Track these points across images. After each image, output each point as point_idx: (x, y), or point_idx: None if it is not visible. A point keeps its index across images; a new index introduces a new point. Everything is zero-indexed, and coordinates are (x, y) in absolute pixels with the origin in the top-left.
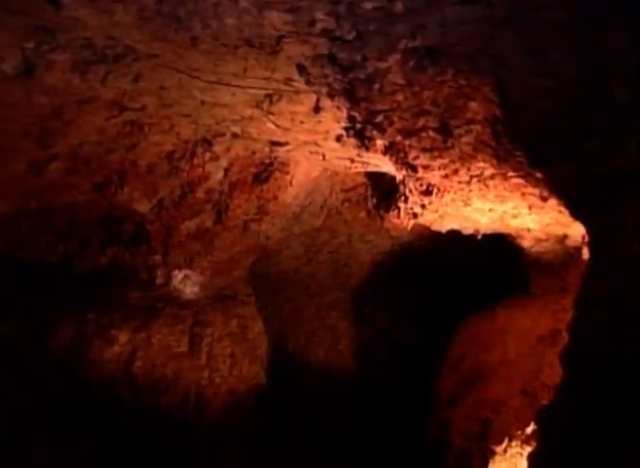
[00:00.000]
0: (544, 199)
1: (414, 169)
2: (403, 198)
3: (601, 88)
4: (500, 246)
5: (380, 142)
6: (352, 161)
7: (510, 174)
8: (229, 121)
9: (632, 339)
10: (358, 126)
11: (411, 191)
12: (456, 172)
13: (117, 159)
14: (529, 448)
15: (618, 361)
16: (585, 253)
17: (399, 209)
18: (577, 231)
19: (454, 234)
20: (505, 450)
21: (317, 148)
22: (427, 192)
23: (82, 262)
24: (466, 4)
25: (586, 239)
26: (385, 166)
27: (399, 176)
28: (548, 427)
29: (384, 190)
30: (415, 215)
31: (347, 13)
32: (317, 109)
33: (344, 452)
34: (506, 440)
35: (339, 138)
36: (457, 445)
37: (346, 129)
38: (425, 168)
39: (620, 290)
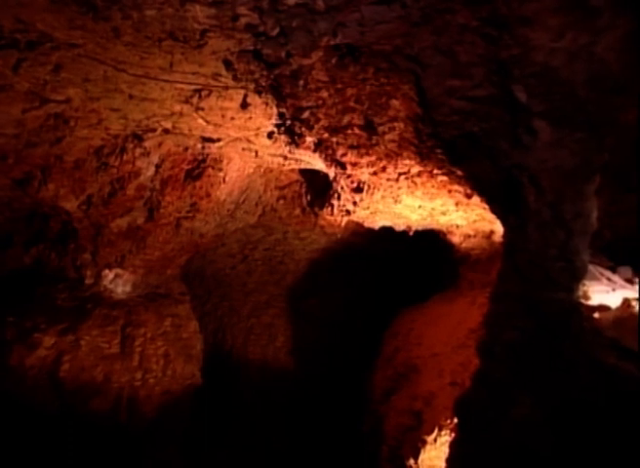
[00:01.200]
0: (469, 196)
1: (342, 166)
2: (336, 195)
3: (506, 90)
4: (431, 242)
5: (309, 139)
6: (285, 158)
7: (435, 171)
8: (160, 116)
9: (540, 330)
10: (288, 122)
11: (343, 188)
12: (384, 169)
13: (40, 154)
14: None
15: (527, 351)
16: None
17: (332, 206)
18: (501, 227)
19: (387, 231)
20: (435, 440)
21: (249, 145)
22: (358, 189)
23: (3, 262)
24: (383, 4)
25: None
26: (317, 163)
27: (331, 174)
28: (465, 415)
29: (319, 187)
30: (348, 212)
31: (270, 8)
32: (245, 105)
33: (283, 447)
34: (436, 429)
35: (270, 135)
36: (390, 436)
37: (277, 125)
38: (354, 165)
39: (527, 284)
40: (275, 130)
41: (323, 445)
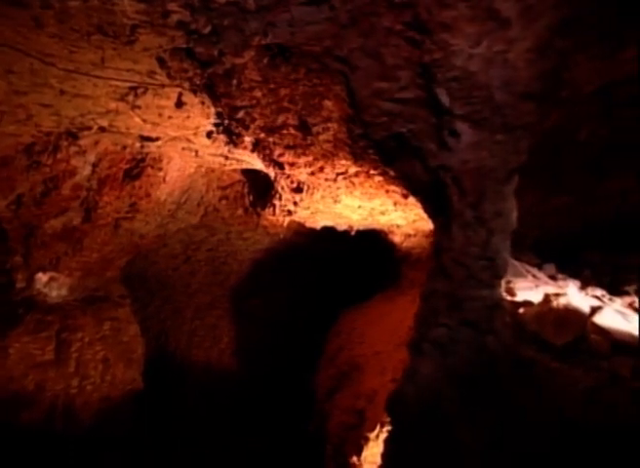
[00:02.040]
0: (405, 196)
1: (281, 166)
2: (277, 195)
3: (431, 92)
4: (374, 242)
5: (247, 139)
6: (226, 158)
7: (372, 171)
8: (95, 114)
9: (464, 326)
10: (226, 122)
11: (283, 189)
12: (321, 169)
13: None
14: None
15: (452, 347)
16: None
17: (274, 206)
18: None
19: (330, 231)
20: (377, 436)
21: (189, 144)
22: (298, 189)
23: None
24: (312, 5)
25: None
26: (257, 163)
27: (271, 174)
28: (395, 411)
29: (261, 188)
30: (289, 213)
31: (202, 6)
32: (180, 104)
33: (227, 449)
34: (378, 426)
35: (209, 134)
36: (334, 435)
37: (216, 125)
38: (292, 165)
39: (452, 282)
40: (214, 129)
41: (269, 445)
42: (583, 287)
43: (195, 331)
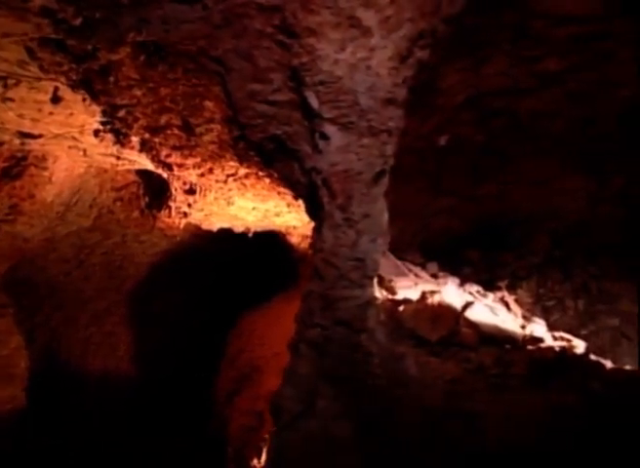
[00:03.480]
0: (296, 198)
1: (169, 167)
2: (172, 197)
3: (302, 95)
4: (273, 243)
5: (134, 139)
6: (118, 158)
7: (260, 173)
8: None
9: (338, 326)
10: (112, 120)
11: (177, 190)
12: (211, 170)
13: None
14: None
15: (327, 346)
16: None
17: (170, 208)
18: None
19: (229, 232)
20: None
21: (76, 143)
22: (191, 191)
23: None
24: (185, 3)
25: None
26: (148, 164)
27: (164, 175)
28: (276, 412)
29: (156, 189)
30: (184, 214)
31: None
32: (57, 99)
33: (124, 458)
34: None
35: (96, 133)
36: (235, 438)
37: (103, 123)
38: (180, 166)
39: (325, 283)
40: (101, 128)
41: (171, 450)
42: (462, 283)
43: (90, 338)
